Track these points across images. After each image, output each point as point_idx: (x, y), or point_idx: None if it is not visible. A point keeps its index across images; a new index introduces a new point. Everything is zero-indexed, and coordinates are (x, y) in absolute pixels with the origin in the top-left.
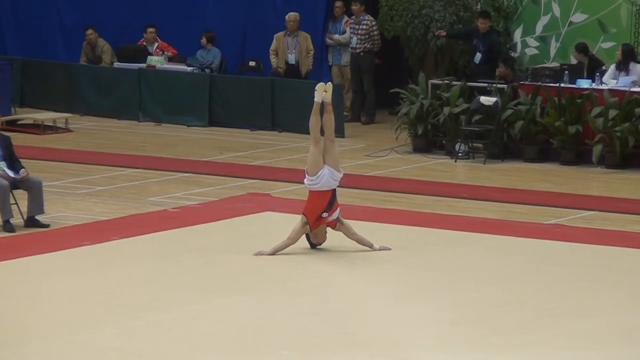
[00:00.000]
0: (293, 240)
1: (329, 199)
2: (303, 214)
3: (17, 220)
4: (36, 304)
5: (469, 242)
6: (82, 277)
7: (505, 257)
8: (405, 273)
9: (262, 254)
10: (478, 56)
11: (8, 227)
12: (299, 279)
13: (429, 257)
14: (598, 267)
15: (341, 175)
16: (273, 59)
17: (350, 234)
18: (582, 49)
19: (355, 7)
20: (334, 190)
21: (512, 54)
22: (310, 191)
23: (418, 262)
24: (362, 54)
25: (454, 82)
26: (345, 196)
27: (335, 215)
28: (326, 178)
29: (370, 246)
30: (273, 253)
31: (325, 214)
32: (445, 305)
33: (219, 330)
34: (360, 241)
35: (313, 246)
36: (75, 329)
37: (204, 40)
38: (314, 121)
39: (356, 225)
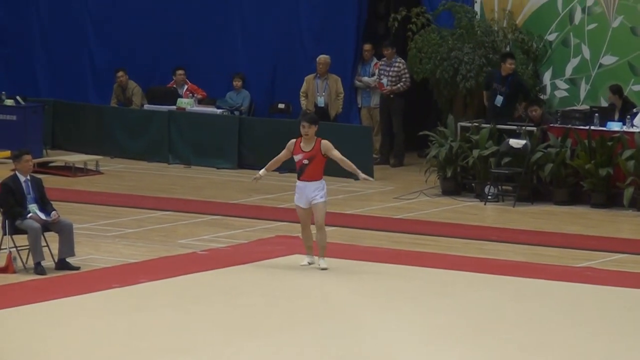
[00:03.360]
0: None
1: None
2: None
3: (48, 262)
4: (66, 346)
5: (499, 285)
6: (111, 320)
7: (535, 300)
8: (435, 316)
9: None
10: (499, 99)
11: (39, 269)
12: (328, 321)
13: (458, 300)
14: (629, 310)
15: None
16: (303, 101)
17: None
18: (617, 90)
19: (387, 51)
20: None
21: (542, 97)
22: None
23: (447, 305)
24: (392, 95)
25: (483, 125)
26: (373, 239)
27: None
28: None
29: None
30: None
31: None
32: (474, 348)
33: None
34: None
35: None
36: None
37: (239, 83)
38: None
39: (385, 268)
